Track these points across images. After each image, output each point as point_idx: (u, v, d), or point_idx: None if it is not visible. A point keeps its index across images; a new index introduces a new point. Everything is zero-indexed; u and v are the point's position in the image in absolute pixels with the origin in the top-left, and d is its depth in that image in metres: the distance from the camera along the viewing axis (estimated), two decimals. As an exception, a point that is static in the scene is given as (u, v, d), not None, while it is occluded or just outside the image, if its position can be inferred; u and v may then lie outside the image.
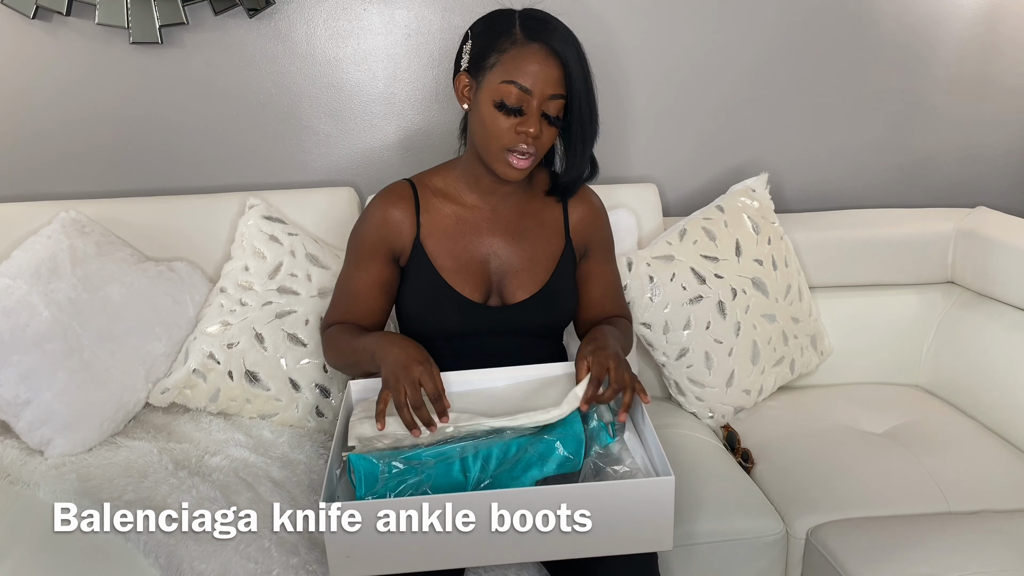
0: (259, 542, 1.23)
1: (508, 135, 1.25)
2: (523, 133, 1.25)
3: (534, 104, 1.24)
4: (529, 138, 1.25)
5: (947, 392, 1.85)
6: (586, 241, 1.45)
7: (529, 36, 1.25)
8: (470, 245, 1.39)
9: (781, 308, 1.78)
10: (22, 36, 1.74)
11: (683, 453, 1.56)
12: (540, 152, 1.29)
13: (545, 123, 1.26)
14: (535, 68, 1.23)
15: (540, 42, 1.24)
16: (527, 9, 1.29)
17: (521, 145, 1.26)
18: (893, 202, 2.08)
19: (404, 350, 1.21)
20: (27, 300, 1.47)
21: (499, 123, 1.25)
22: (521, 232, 1.41)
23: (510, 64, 1.24)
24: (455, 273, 1.37)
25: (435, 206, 1.39)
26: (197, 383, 1.57)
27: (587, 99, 1.27)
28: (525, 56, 1.24)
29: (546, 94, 1.24)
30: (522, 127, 1.24)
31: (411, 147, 1.92)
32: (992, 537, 1.35)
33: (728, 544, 1.40)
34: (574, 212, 1.44)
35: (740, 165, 2.01)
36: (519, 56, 1.24)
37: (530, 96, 1.24)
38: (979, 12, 2.00)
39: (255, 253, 1.65)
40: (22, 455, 1.45)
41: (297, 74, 1.85)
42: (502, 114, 1.25)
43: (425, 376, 1.16)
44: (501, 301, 1.39)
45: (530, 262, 1.40)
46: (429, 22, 1.84)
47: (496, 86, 1.24)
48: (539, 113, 1.25)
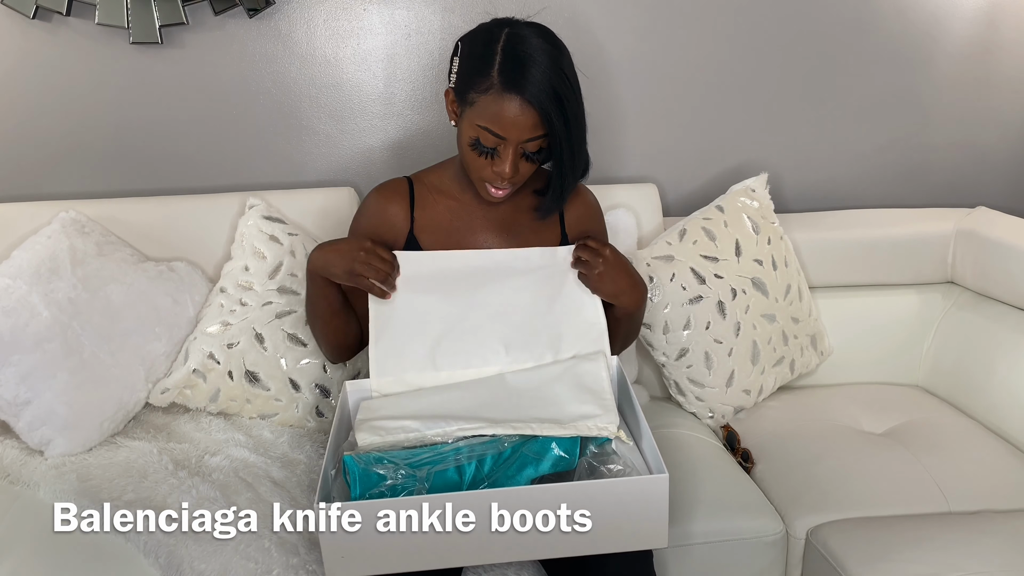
0: (259, 542, 1.23)
1: (484, 170, 1.27)
2: (498, 173, 1.26)
3: (509, 149, 1.24)
4: (504, 179, 1.26)
5: (947, 392, 1.85)
6: (582, 237, 1.43)
7: (505, 84, 1.20)
8: (464, 240, 1.39)
9: (781, 308, 1.78)
10: (22, 36, 1.74)
11: (683, 453, 1.56)
12: (519, 182, 1.30)
13: (523, 160, 1.27)
14: (510, 118, 1.21)
15: (514, 93, 1.20)
16: (510, 36, 1.23)
17: (496, 181, 1.28)
18: (893, 202, 2.08)
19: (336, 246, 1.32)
20: (27, 300, 1.47)
21: (474, 160, 1.27)
22: (516, 228, 1.41)
23: (486, 110, 1.22)
24: None
25: (430, 201, 1.40)
26: (197, 383, 1.57)
27: (568, 137, 1.24)
28: (500, 105, 1.20)
29: (522, 139, 1.23)
30: (497, 167, 1.25)
31: (411, 147, 1.92)
32: (992, 537, 1.35)
33: (728, 544, 1.40)
34: (570, 209, 1.44)
35: (740, 165, 2.01)
36: (494, 104, 1.21)
37: (505, 141, 1.23)
38: (979, 12, 2.00)
39: (255, 253, 1.65)
40: (22, 455, 1.45)
41: (297, 74, 1.85)
42: (476, 153, 1.26)
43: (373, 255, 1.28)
44: None
45: None
46: (429, 22, 1.84)
47: (473, 125, 1.24)
48: (515, 155, 1.25)
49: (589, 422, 1.18)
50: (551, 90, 1.20)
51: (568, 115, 1.22)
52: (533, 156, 1.27)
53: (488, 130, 1.22)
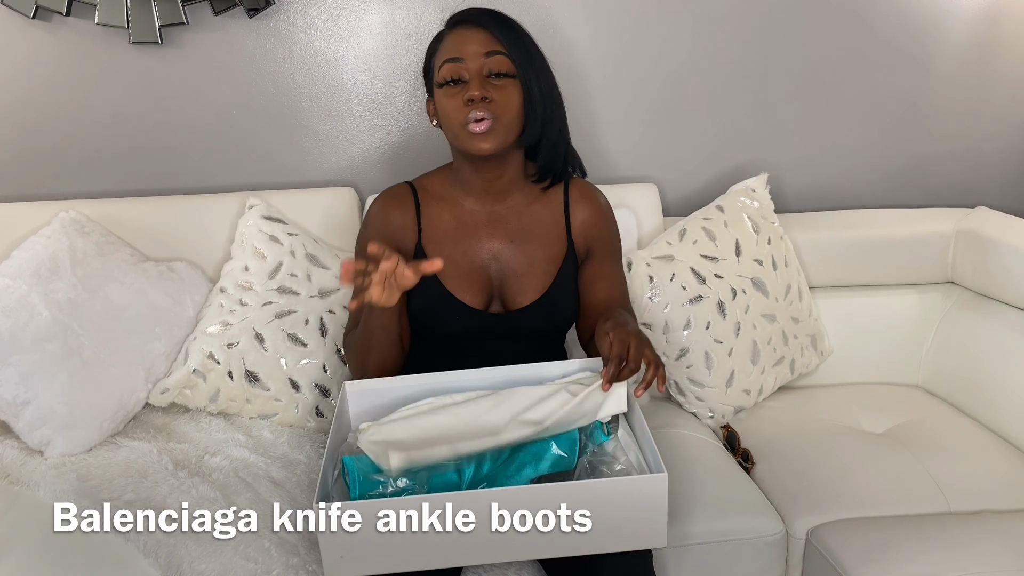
0: (259, 542, 1.23)
1: (461, 111, 1.28)
2: (471, 102, 1.26)
3: (471, 68, 1.28)
4: (478, 103, 1.26)
5: (947, 392, 1.85)
6: (588, 243, 1.43)
7: (451, 24, 1.34)
8: (470, 250, 1.38)
9: (781, 308, 1.78)
10: (22, 36, 1.74)
11: (683, 453, 1.56)
12: (501, 114, 1.28)
13: (492, 85, 1.28)
14: (459, 39, 1.30)
15: (461, 23, 1.32)
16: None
17: (474, 113, 1.27)
18: (893, 202, 2.08)
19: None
20: (27, 300, 1.47)
21: (450, 103, 1.29)
22: (521, 235, 1.40)
23: (442, 52, 1.32)
24: (456, 279, 1.36)
25: (435, 210, 1.39)
26: (197, 383, 1.57)
27: (525, 55, 1.30)
28: (451, 37, 1.32)
29: (479, 54, 1.28)
30: (466, 93, 1.27)
31: (411, 147, 1.92)
32: (992, 537, 1.35)
33: (728, 544, 1.40)
34: (577, 213, 1.42)
35: (740, 165, 2.01)
36: (447, 41, 1.32)
37: (463, 64, 1.28)
38: (979, 12, 1.99)
39: (255, 253, 1.65)
40: (22, 455, 1.45)
41: (297, 74, 1.85)
42: (448, 92, 1.29)
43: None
44: (502, 307, 1.39)
45: (531, 266, 1.39)
46: (429, 22, 1.84)
47: (438, 75, 1.31)
48: (479, 77, 1.28)
49: (580, 375, 1.20)
50: (494, 13, 1.33)
51: (519, 35, 1.31)
52: (499, 77, 1.29)
53: (448, 60, 1.29)
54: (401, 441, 1.15)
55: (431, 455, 1.14)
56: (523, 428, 1.17)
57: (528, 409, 1.18)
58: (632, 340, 1.16)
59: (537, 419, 1.16)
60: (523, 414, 1.18)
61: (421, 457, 1.14)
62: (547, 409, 1.17)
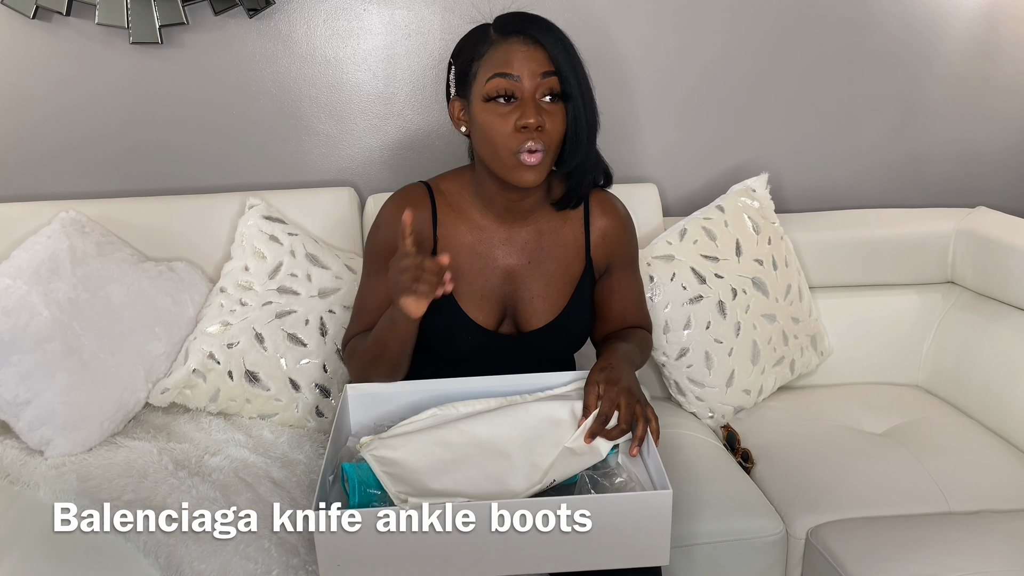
0: (259, 542, 1.23)
1: (512, 138, 1.18)
2: (525, 129, 1.18)
3: (526, 88, 1.19)
4: (532, 131, 1.18)
5: (947, 392, 1.85)
6: (608, 257, 1.38)
7: (504, 32, 1.22)
8: (486, 268, 1.33)
9: (781, 308, 1.78)
10: (22, 36, 1.74)
11: (683, 453, 1.56)
12: (550, 146, 1.20)
13: (545, 111, 1.19)
14: (518, 55, 1.19)
15: (516, 34, 1.21)
16: (499, 16, 1.25)
17: (527, 143, 1.18)
18: (893, 202, 2.08)
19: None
20: (27, 300, 1.47)
21: (497, 123, 1.19)
22: (538, 255, 1.34)
23: (491, 63, 1.20)
24: (468, 298, 1.32)
25: (451, 219, 1.33)
26: (197, 383, 1.57)
27: (576, 78, 1.20)
28: (505, 49, 1.20)
29: (536, 74, 1.18)
30: (522, 120, 1.17)
31: (411, 147, 1.92)
32: (992, 537, 1.35)
33: (728, 544, 1.40)
34: (596, 226, 1.37)
35: (740, 165, 2.01)
36: (499, 51, 1.21)
37: (519, 82, 1.18)
38: (979, 12, 2.00)
39: (255, 253, 1.65)
40: (22, 455, 1.45)
41: (297, 74, 1.85)
42: (497, 109, 1.19)
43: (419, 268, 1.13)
44: (515, 327, 1.35)
45: (546, 287, 1.34)
46: (429, 22, 1.84)
47: (484, 87, 1.20)
48: (534, 99, 1.19)
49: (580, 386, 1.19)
50: (553, 31, 1.22)
51: (575, 57, 1.22)
52: (552, 99, 1.20)
53: (499, 74, 1.19)
54: (403, 468, 1.14)
55: (439, 496, 1.12)
56: (531, 482, 1.15)
57: (533, 450, 1.17)
58: (622, 399, 1.16)
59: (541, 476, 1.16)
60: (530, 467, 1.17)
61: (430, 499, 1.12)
62: (549, 460, 1.16)
